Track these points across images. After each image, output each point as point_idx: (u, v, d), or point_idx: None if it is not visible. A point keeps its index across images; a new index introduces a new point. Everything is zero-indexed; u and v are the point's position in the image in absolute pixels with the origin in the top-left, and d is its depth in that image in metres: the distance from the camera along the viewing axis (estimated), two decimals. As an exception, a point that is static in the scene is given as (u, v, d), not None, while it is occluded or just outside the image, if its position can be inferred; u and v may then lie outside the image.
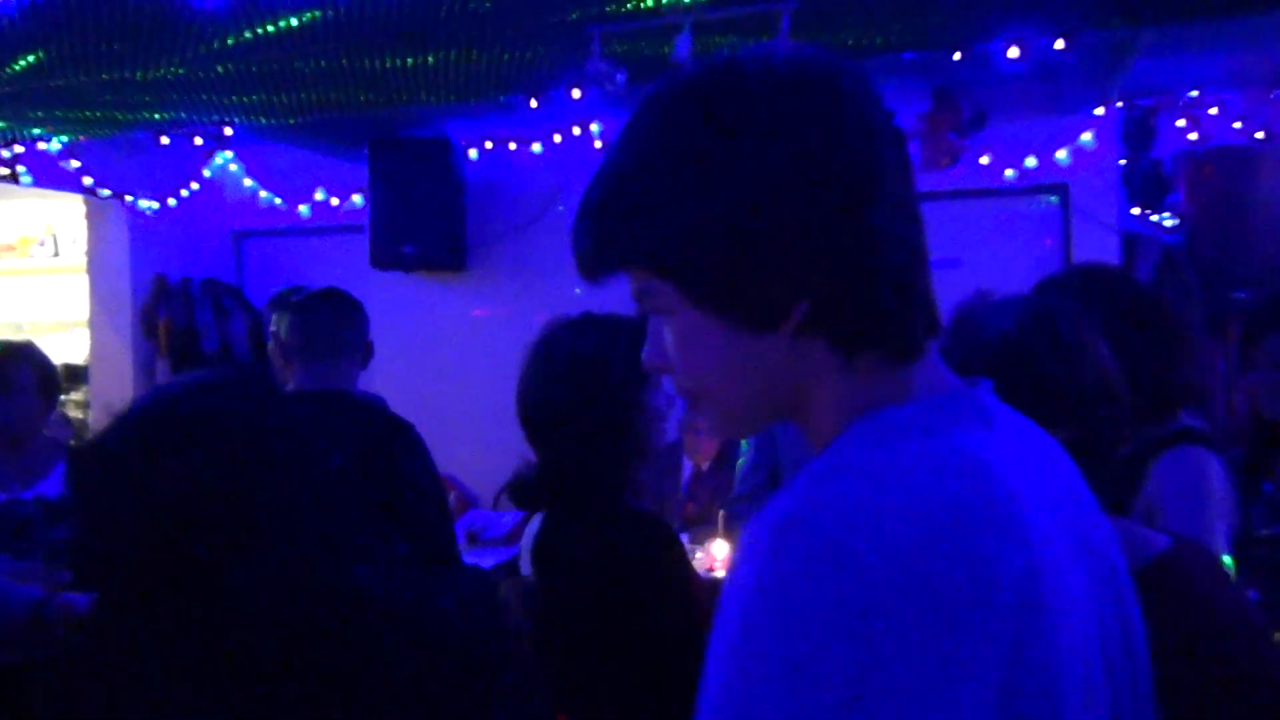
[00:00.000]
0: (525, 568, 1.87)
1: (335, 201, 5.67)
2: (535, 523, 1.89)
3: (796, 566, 0.71)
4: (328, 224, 5.69)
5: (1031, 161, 4.73)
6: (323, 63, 3.48)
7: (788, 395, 0.87)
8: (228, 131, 4.80)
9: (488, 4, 2.92)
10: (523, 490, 1.85)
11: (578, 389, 1.79)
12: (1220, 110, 4.96)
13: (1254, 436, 2.36)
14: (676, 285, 0.85)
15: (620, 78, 3.41)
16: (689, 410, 1.00)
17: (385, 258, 5.25)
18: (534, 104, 4.13)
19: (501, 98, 4.07)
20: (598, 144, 5.21)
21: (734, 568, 0.75)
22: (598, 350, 1.80)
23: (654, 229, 0.83)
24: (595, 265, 0.89)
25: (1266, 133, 4.88)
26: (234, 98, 4.00)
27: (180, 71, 3.54)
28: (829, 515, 0.73)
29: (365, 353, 2.85)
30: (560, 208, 5.29)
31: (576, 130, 5.19)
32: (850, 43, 3.41)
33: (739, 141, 0.80)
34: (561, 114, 4.95)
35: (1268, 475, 2.31)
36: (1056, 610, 0.76)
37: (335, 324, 2.75)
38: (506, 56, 3.52)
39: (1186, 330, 1.87)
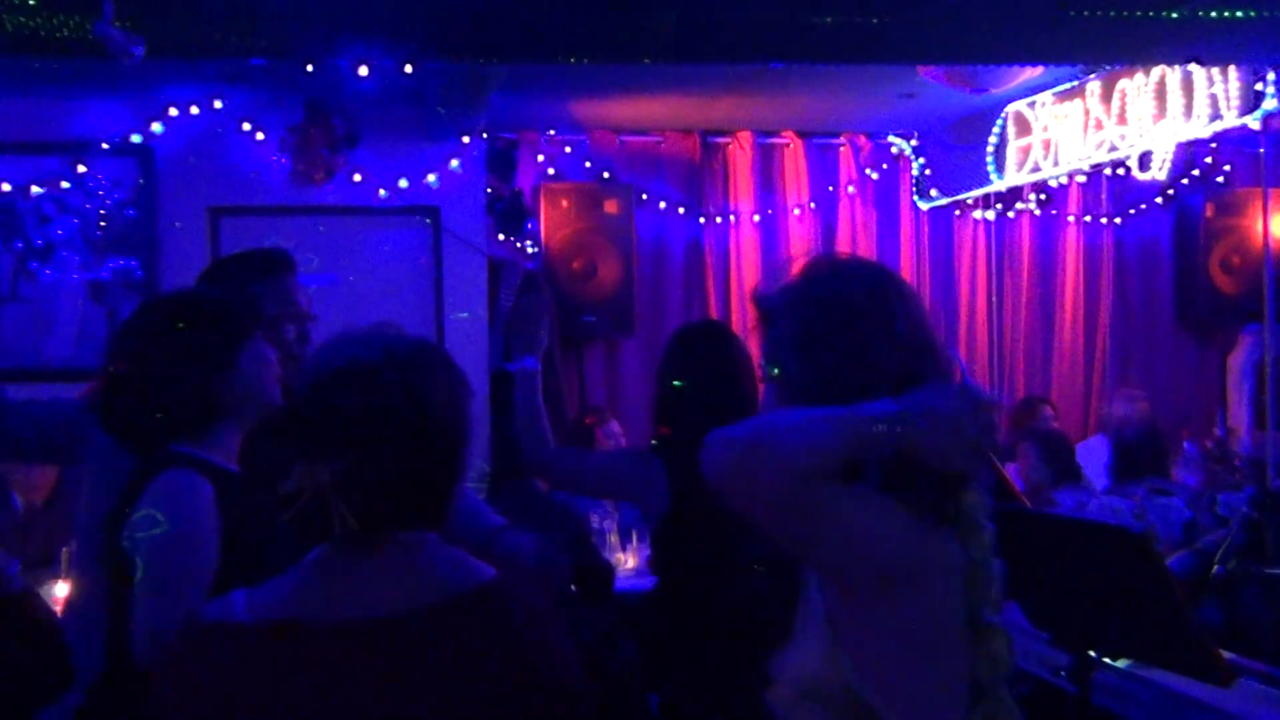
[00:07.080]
0: None
1: None
2: None
3: None
4: None
5: (404, 183, 4.84)
6: None
7: None
8: None
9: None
10: None
11: None
12: (573, 150, 5.48)
13: None
14: None
15: (138, 51, 2.97)
16: None
17: None
18: None
19: None
20: None
21: None
22: None
23: None
24: None
25: (610, 173, 5.47)
26: None
27: None
28: None
29: None
30: None
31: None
32: (194, 39, 3.21)
33: None
34: None
35: None
36: None
37: None
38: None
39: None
